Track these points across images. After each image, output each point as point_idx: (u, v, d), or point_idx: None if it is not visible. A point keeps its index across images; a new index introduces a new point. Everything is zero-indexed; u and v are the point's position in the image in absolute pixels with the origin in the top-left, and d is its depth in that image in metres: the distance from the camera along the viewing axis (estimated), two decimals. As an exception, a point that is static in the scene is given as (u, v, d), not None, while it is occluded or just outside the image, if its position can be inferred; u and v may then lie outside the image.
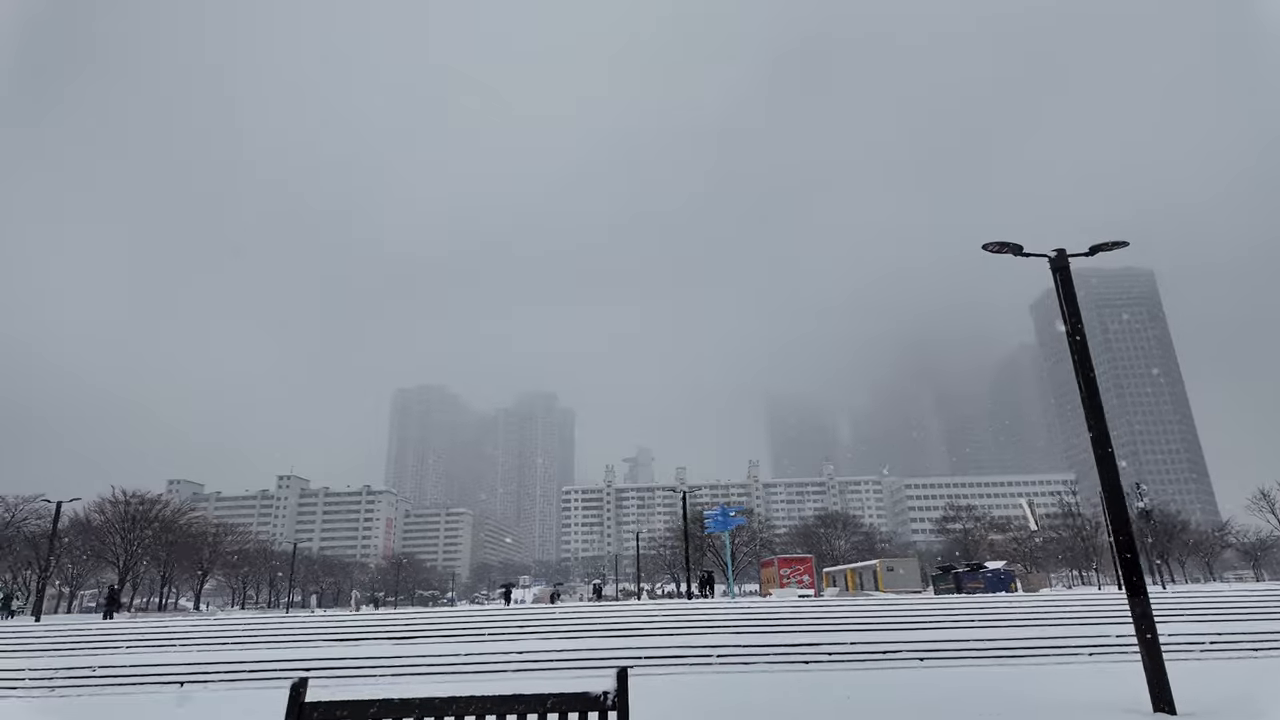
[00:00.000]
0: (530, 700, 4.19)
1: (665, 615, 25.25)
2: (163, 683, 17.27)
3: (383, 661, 18.19)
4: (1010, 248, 11.33)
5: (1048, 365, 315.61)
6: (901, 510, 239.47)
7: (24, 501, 60.79)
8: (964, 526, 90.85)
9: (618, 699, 4.20)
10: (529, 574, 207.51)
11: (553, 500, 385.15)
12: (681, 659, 17.86)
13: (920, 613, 24.69)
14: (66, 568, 72.09)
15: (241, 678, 17.33)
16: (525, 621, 24.01)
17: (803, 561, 59.16)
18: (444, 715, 4.13)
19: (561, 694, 4.21)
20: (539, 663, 17.94)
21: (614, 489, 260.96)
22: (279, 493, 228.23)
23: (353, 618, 23.97)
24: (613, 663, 17.13)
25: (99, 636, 22.72)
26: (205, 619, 25.03)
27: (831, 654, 18.26)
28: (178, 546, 72.92)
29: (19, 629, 25.43)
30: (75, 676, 17.42)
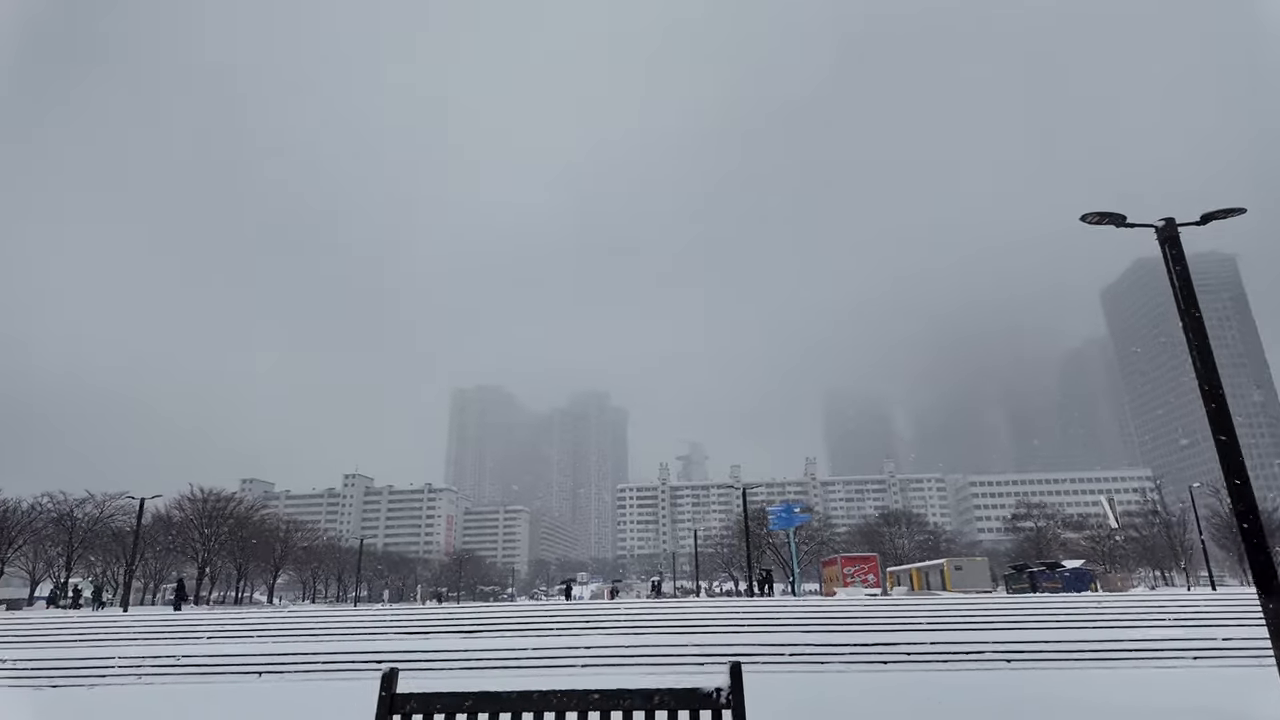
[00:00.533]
0: (635, 696, 3.84)
1: (730, 612, 24.76)
2: (242, 672, 17.67)
3: (452, 655, 18.23)
4: (1111, 218, 10.48)
5: (1120, 356, 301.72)
6: (966, 509, 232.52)
7: (110, 498, 63.90)
8: (1035, 525, 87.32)
9: (732, 696, 3.81)
10: (586, 571, 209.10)
11: (607, 498, 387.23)
12: (753, 657, 17.36)
13: (1000, 612, 23.58)
14: (150, 562, 75.56)
15: (317, 669, 17.60)
16: (589, 617, 23.86)
17: (867, 560, 57.74)
18: (544, 710, 3.82)
19: (670, 689, 3.85)
20: (606, 658, 17.69)
21: (668, 487, 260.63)
22: (345, 491, 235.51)
23: (421, 612, 24.24)
24: (682, 659, 16.75)
25: (181, 627, 23.52)
26: (279, 612, 25.68)
27: (910, 654, 17.49)
28: (252, 542, 75.66)
29: (109, 619, 26.54)
30: (160, 665, 17.97)
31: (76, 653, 18.95)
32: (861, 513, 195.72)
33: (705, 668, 16.88)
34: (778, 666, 16.83)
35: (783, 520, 32.96)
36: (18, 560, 65.30)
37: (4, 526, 58.48)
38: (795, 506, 33.57)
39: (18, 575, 70.62)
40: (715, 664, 17.00)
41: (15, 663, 18.01)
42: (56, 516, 62.24)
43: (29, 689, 16.52)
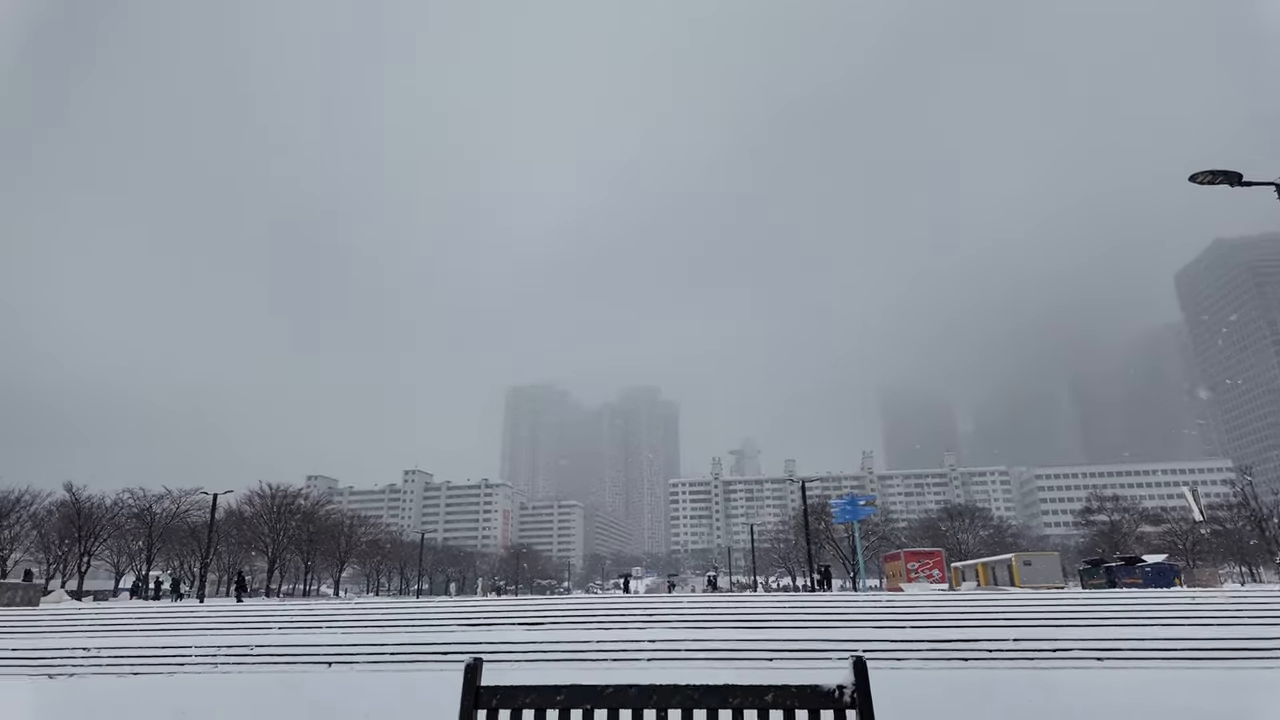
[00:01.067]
0: (745, 692, 3.42)
1: (794, 607, 24.14)
2: (313, 662, 17.92)
3: (516, 647, 18.13)
4: (1227, 176, 9.55)
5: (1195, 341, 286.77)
6: (1032, 502, 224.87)
7: (186, 494, 66.59)
8: (1109, 518, 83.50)
9: (858, 695, 3.36)
10: (640, 565, 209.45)
11: (660, 493, 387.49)
12: (823, 653, 16.77)
13: (1083, 608, 22.35)
14: (223, 555, 78.59)
15: (385, 659, 17.72)
16: (651, 611, 23.54)
17: (931, 555, 56.14)
18: (642, 706, 3.44)
19: (785, 686, 3.42)
20: (672, 652, 17.33)
21: (721, 481, 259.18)
22: (405, 487, 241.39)
23: (484, 604, 24.32)
24: (751, 655, 16.24)
25: (254, 618, 24.09)
26: (346, 604, 26.13)
27: (991, 651, 16.62)
28: (318, 536, 77.93)
29: (186, 610, 27.44)
30: (235, 654, 18.37)
31: (157, 642, 19.55)
32: (922, 507, 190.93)
33: (776, 663, 16.37)
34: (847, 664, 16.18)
35: (847, 513, 31.90)
36: (103, 554, 68.70)
37: (90, 522, 61.53)
38: (860, 499, 32.47)
39: (104, 568, 74.32)
40: (786, 659, 16.47)
41: (101, 650, 18.65)
42: (137, 512, 65.16)
43: (113, 677, 17.07)
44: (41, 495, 63.02)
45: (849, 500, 32.49)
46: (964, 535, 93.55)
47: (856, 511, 32.59)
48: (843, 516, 32.45)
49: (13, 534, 61.41)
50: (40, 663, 18.32)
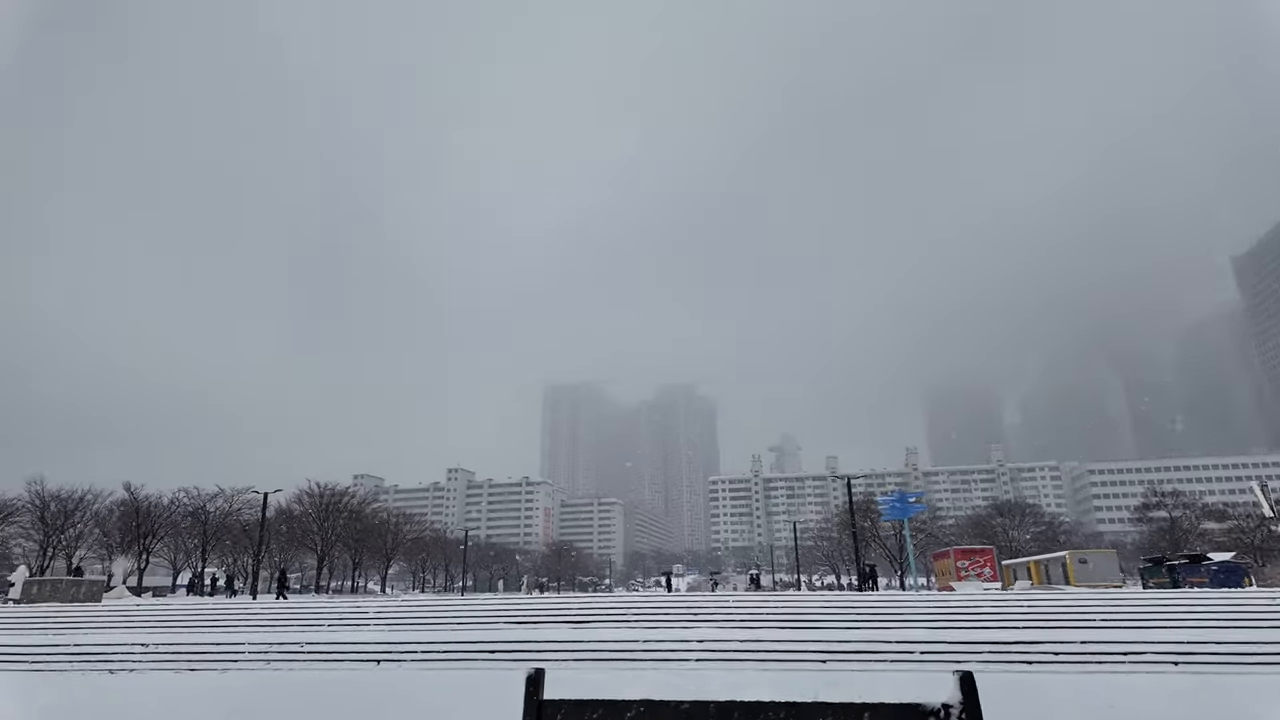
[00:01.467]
0: (836, 712, 3.07)
1: (844, 606, 23.53)
2: (361, 659, 18.00)
3: (562, 645, 17.96)
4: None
5: (1255, 328, 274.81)
6: (1084, 499, 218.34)
7: (238, 493, 68.33)
8: (1170, 514, 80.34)
9: (967, 713, 2.98)
10: (681, 563, 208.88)
11: (699, 490, 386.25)
12: (878, 654, 16.22)
13: (1151, 608, 21.31)
14: (274, 553, 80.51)
15: (433, 657, 17.70)
16: (696, 609, 23.18)
17: (982, 553, 54.60)
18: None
19: (880, 705, 3.07)
20: (721, 652, 16.95)
21: (761, 479, 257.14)
22: (448, 485, 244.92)
23: (530, 601, 24.26)
24: (804, 655, 15.78)
25: (304, 615, 24.40)
26: (393, 601, 26.33)
27: (1058, 653, 15.88)
28: (365, 534, 79.32)
29: (239, 606, 27.97)
30: (286, 651, 18.55)
31: (211, 638, 19.88)
32: (969, 504, 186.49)
33: (830, 665, 15.88)
34: (909, 665, 15.62)
35: (896, 510, 31.00)
36: (161, 551, 70.92)
37: (148, 520, 63.53)
38: (909, 496, 31.49)
39: (161, 565, 76.68)
40: (840, 661, 15.97)
41: (158, 646, 19.02)
42: (191, 510, 67.08)
43: (170, 673, 17.37)
44: (103, 495, 65.39)
45: (897, 497, 31.55)
46: (1014, 532, 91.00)
47: (906, 509, 31.61)
48: (892, 514, 31.51)
49: (77, 532, 63.78)
50: (101, 658, 18.76)
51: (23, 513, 62.27)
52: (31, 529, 62.97)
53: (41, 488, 61.80)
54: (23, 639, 21.16)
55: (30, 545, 65.17)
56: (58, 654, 19.28)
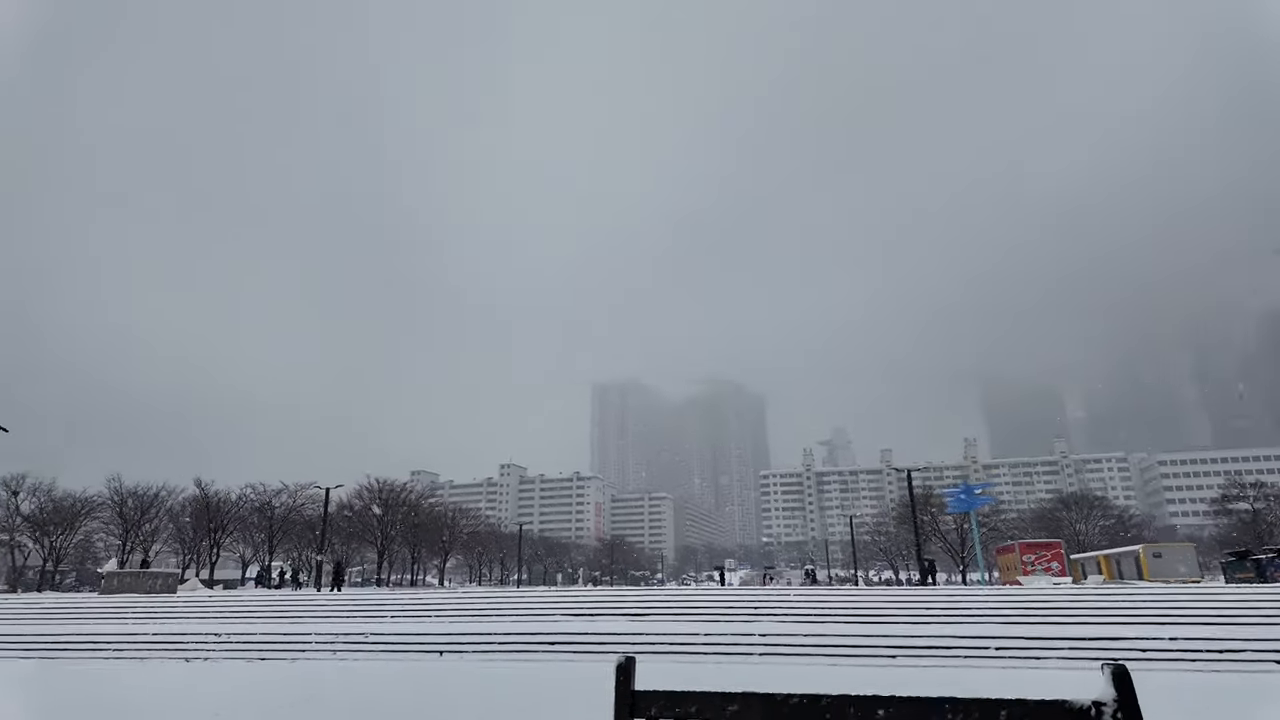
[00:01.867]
0: (970, 709, 2.74)
1: (909, 601, 22.77)
2: (424, 650, 18.18)
3: (621, 638, 17.82)
4: None
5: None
6: (1154, 490, 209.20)
7: (301, 488, 70.42)
8: (1252, 506, 76.15)
9: (1124, 712, 2.61)
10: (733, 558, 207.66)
11: (749, 485, 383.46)
12: (951, 650, 15.61)
13: (1241, 603, 20.03)
14: (336, 547, 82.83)
15: (494, 649, 17.76)
16: (756, 603, 22.76)
17: (1050, 546, 52.52)
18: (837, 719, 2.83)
19: (1020, 701, 2.73)
20: (785, 646, 16.56)
21: (813, 473, 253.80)
22: (501, 480, 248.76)
23: (587, 594, 24.21)
24: (868, 651, 15.28)
25: (367, 607, 24.86)
26: (453, 593, 26.62)
27: (1146, 650, 15.01)
28: (422, 528, 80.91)
29: (306, 599, 28.70)
30: (351, 642, 18.88)
31: (280, 629, 20.37)
32: (1032, 497, 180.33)
33: (899, 660, 15.35)
34: (985, 661, 14.98)
35: (962, 503, 29.82)
36: (231, 545, 73.66)
37: (218, 515, 66.04)
38: (975, 488, 30.22)
39: (231, 559, 79.69)
40: (910, 657, 15.43)
41: (231, 636, 19.58)
42: (258, 506, 69.41)
43: (242, 661, 17.83)
44: (176, 491, 68.28)
45: (963, 488, 30.33)
46: (1081, 526, 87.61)
47: (971, 501, 30.38)
48: (957, 506, 30.33)
49: (153, 527, 66.74)
50: (178, 647, 19.42)
51: (103, 509, 65.45)
52: (112, 524, 66.12)
53: (120, 485, 64.79)
54: (108, 627, 22.09)
55: (112, 540, 68.51)
56: (139, 642, 20.04)
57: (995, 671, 14.18)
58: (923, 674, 13.65)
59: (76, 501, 64.85)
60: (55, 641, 20.57)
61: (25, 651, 20.02)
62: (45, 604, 27.33)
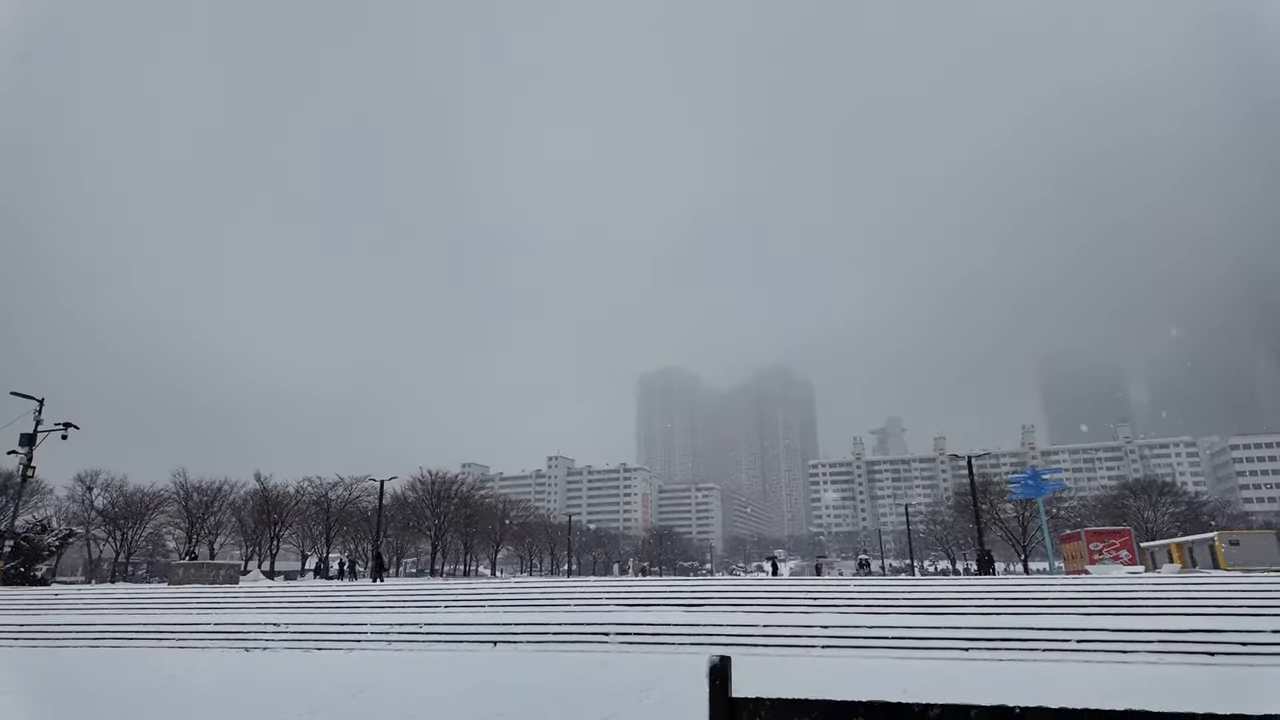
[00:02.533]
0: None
1: (976, 592, 21.73)
2: (478, 640, 18.05)
3: (678, 630, 17.38)
4: None
5: None
6: (1226, 476, 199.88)
7: (356, 481, 71.89)
8: (1339, 492, 71.74)
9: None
10: (783, 548, 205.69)
11: (797, 475, 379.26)
12: (1028, 642, 14.73)
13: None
14: (390, 538, 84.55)
15: (549, 639, 17.53)
16: (816, 594, 22.06)
17: (1119, 534, 50.34)
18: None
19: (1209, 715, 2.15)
20: (848, 638, 15.89)
21: (864, 462, 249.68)
22: (549, 472, 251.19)
23: (641, 584, 23.85)
24: (937, 643, 14.53)
25: (421, 598, 24.96)
26: (506, 583, 26.57)
27: (1245, 644, 13.91)
28: (474, 519, 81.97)
29: (361, 589, 29.03)
30: (406, 632, 18.87)
31: (336, 619, 20.53)
32: (1094, 484, 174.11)
33: (972, 654, 14.55)
34: (1066, 655, 14.08)
35: (1029, 489, 28.35)
36: (290, 538, 75.80)
37: (278, 508, 67.90)
38: (1043, 473, 28.71)
39: (292, 550, 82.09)
40: (986, 650, 14.62)
41: (289, 626, 19.78)
42: (315, 499, 71.15)
43: (299, 651, 17.97)
44: (238, 486, 70.46)
45: (1029, 474, 28.86)
46: (1149, 513, 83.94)
47: (1040, 487, 28.87)
48: (1025, 493, 28.89)
49: (217, 520, 69.03)
50: (239, 636, 19.71)
51: (170, 503, 67.95)
52: (178, 518, 68.62)
53: (185, 479, 67.12)
54: (174, 617, 22.62)
55: (179, 533, 71.13)
56: (202, 632, 20.44)
57: (1079, 666, 13.29)
58: (1002, 668, 12.86)
59: (145, 496, 67.43)
60: (125, 631, 21.14)
61: (95, 640, 20.61)
62: (117, 594, 28.26)
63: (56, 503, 66.99)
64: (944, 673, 11.46)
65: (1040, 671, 12.12)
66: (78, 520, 66.95)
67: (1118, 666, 13.20)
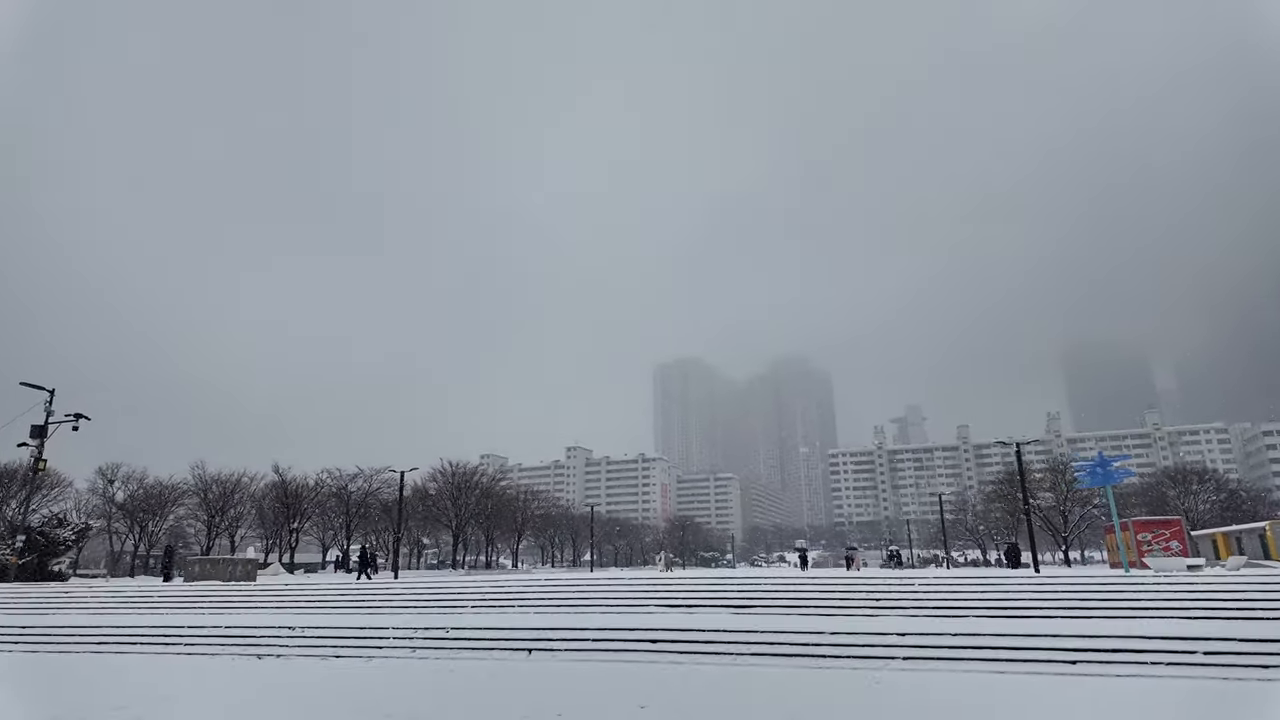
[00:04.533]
0: None
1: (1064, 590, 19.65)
2: (511, 648, 16.38)
3: (731, 637, 15.59)
4: None
5: None
6: (1259, 463, 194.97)
7: (376, 472, 70.67)
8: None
9: None
10: (803, 538, 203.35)
11: (816, 464, 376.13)
12: (1145, 653, 12.79)
13: None
14: (411, 530, 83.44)
15: (589, 647, 15.80)
16: (877, 593, 20.07)
17: (1168, 524, 47.76)
18: None
19: None
20: (930, 647, 14.00)
21: (886, 451, 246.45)
22: (568, 462, 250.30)
23: (683, 583, 22.04)
24: (1035, 654, 12.64)
25: (447, 597, 23.27)
26: (536, 580, 24.85)
27: None
28: (495, 510, 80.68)
29: (383, 588, 27.46)
30: (431, 637, 17.24)
31: (356, 621, 18.96)
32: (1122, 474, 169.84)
33: (1081, 668, 12.62)
34: (1196, 669, 12.11)
35: (1098, 476, 26.16)
36: (311, 530, 74.88)
37: (297, 500, 66.88)
38: (1113, 459, 26.51)
39: (312, 542, 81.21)
40: (1096, 664, 12.67)
41: (305, 630, 18.24)
42: (335, 490, 70.06)
43: (316, 659, 16.37)
44: (258, 478, 69.55)
45: (1099, 460, 26.67)
46: (1189, 501, 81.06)
47: (1110, 474, 26.67)
48: (1093, 480, 26.71)
49: (237, 513, 68.18)
50: (251, 641, 18.19)
51: (189, 495, 67.14)
52: (198, 510, 67.83)
53: (203, 471, 66.25)
54: (184, 619, 21.19)
55: (200, 526, 70.37)
56: (213, 636, 18.94)
57: (1216, 683, 11.34)
58: (1124, 689, 10.95)
59: (164, 489, 66.67)
60: (132, 634, 19.72)
61: (99, 645, 19.21)
62: (129, 592, 26.93)
63: (76, 495, 66.38)
64: (1053, 691, 9.62)
65: (1175, 692, 10.21)
66: (98, 514, 66.32)
67: (1264, 684, 11.25)
